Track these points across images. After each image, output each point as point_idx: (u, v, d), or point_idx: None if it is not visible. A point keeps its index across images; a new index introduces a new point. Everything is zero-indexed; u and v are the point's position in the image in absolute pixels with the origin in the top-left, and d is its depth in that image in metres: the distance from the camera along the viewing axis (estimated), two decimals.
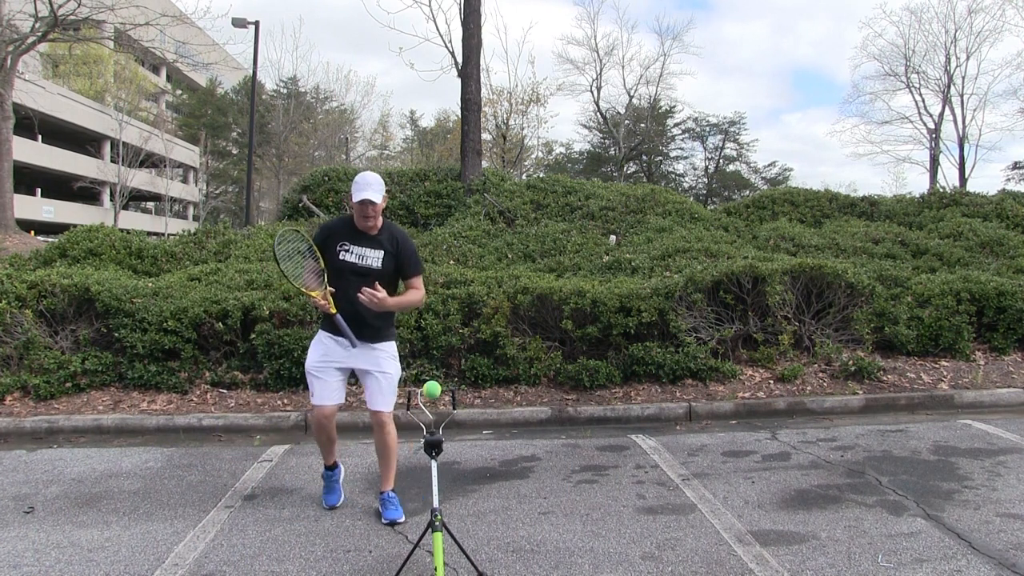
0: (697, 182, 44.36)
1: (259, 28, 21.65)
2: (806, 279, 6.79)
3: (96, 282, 6.59)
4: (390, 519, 3.80)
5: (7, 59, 16.25)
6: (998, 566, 3.21)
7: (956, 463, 4.66)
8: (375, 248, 3.76)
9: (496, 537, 3.61)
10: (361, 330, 3.73)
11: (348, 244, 3.75)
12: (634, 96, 38.39)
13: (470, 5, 12.39)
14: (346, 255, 3.74)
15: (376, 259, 3.75)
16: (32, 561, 3.40)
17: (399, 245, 3.80)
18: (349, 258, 3.73)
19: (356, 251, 3.74)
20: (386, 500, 3.89)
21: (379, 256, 3.75)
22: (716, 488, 4.28)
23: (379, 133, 51.14)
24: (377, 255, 3.75)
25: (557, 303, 6.52)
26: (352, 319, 3.69)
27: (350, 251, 3.74)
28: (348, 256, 3.74)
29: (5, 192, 16.73)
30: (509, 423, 5.93)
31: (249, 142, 23.02)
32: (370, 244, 3.76)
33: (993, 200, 11.77)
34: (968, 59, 32.70)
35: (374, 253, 3.75)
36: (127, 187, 36.96)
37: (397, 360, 3.90)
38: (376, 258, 3.75)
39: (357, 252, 3.74)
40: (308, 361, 3.84)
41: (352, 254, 3.74)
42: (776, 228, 10.33)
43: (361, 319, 3.69)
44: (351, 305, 3.66)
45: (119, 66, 39.09)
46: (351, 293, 3.64)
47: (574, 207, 11.65)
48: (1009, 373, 6.74)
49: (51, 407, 6.01)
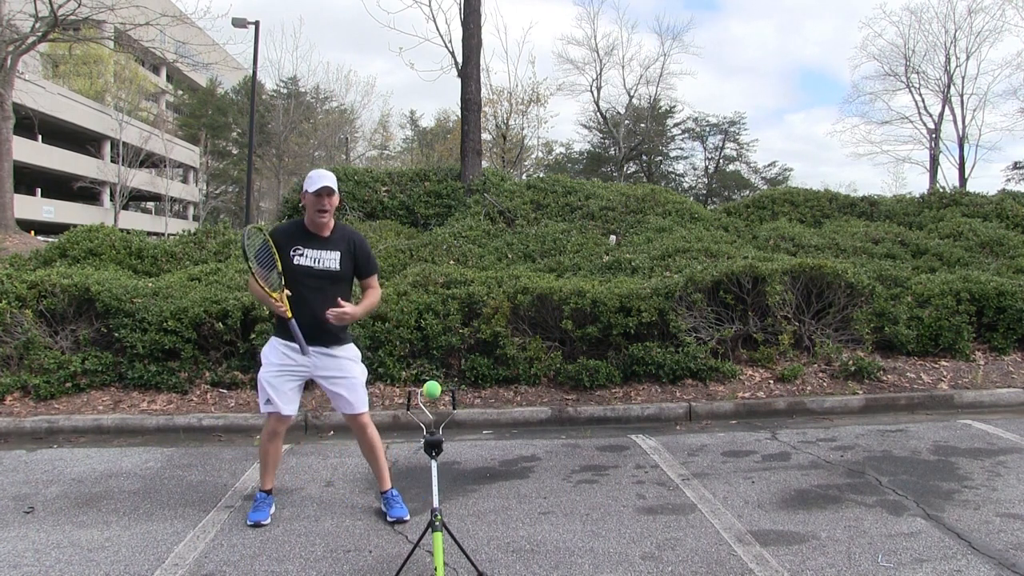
0: (697, 182, 44.38)
1: (259, 28, 21.67)
2: (806, 279, 6.79)
3: (96, 282, 6.59)
4: (396, 517, 3.78)
5: (7, 59, 16.26)
6: (998, 566, 3.21)
7: (956, 463, 4.66)
8: (330, 249, 3.66)
9: (496, 537, 3.61)
10: (320, 336, 3.64)
11: (301, 248, 3.64)
12: (634, 96, 38.44)
13: (470, 5, 12.39)
14: (300, 259, 3.63)
15: (333, 260, 3.65)
16: (32, 561, 3.40)
17: (356, 246, 3.73)
18: (304, 262, 3.63)
19: (310, 254, 3.64)
20: (389, 499, 3.88)
21: (335, 257, 3.66)
22: (716, 488, 4.28)
23: (379, 133, 51.19)
24: (334, 256, 3.66)
25: (557, 303, 6.52)
26: (310, 324, 3.60)
27: (304, 255, 3.63)
28: (303, 260, 3.63)
29: (5, 192, 16.74)
30: (509, 423, 5.93)
31: (249, 142, 23.02)
32: (324, 246, 3.66)
33: (993, 200, 11.77)
34: (968, 59, 32.75)
35: (330, 255, 3.65)
36: (127, 187, 36.98)
37: (359, 362, 3.82)
38: (333, 259, 3.65)
39: (312, 255, 3.64)
40: (263, 371, 3.71)
41: (306, 257, 3.63)
42: (776, 228, 10.33)
43: (319, 324, 3.59)
44: (308, 309, 3.59)
45: (119, 66, 39.12)
46: (308, 297, 3.58)
47: (574, 207, 11.64)
48: (1009, 373, 6.74)
49: (51, 407, 6.01)
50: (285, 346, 3.69)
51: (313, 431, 5.79)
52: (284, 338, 3.69)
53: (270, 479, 3.94)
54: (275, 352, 3.72)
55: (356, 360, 3.81)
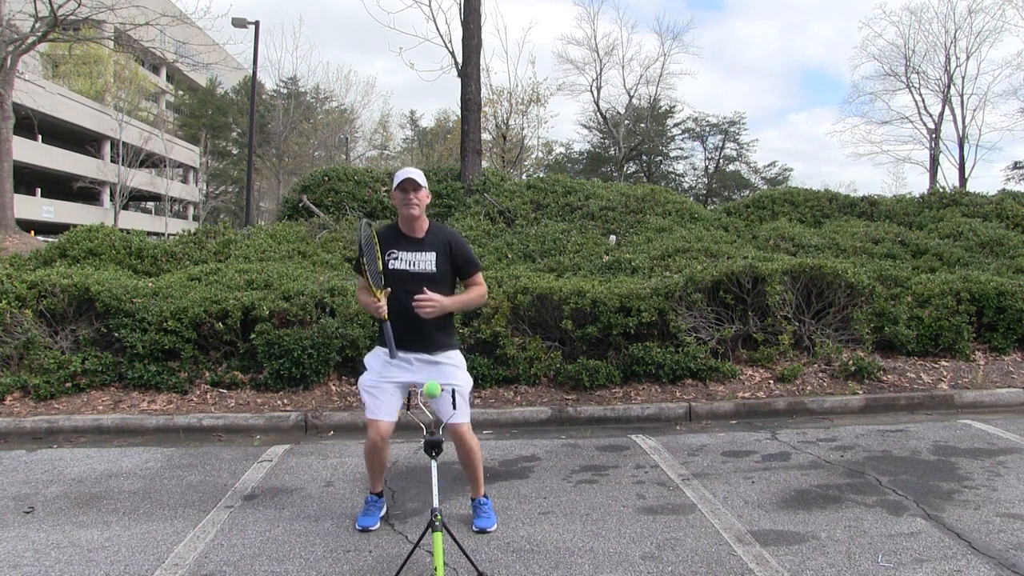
0: (697, 182, 44.35)
1: (259, 28, 21.67)
2: (806, 279, 6.79)
3: (96, 282, 6.59)
4: (480, 527, 3.68)
5: (7, 59, 16.24)
6: (998, 566, 3.21)
7: (956, 463, 4.66)
8: (425, 251, 3.55)
9: (496, 537, 3.61)
10: (421, 341, 3.51)
11: (396, 251, 3.54)
12: (634, 96, 38.37)
13: (470, 5, 12.38)
14: (395, 263, 3.52)
15: (429, 262, 3.53)
16: (32, 561, 3.40)
17: (452, 246, 3.59)
18: (399, 265, 3.52)
19: (405, 257, 3.53)
20: (477, 506, 3.78)
21: (431, 259, 3.54)
22: (716, 488, 4.28)
23: (379, 133, 51.14)
24: (429, 258, 3.54)
25: (557, 303, 6.52)
26: (408, 328, 3.48)
27: (399, 258, 3.52)
28: (398, 264, 3.52)
29: (5, 192, 16.72)
30: (509, 423, 5.93)
31: (249, 142, 23.03)
32: (419, 248, 3.55)
33: (993, 200, 11.76)
34: (968, 59, 32.68)
35: (425, 256, 3.54)
36: (127, 187, 36.94)
37: (464, 370, 3.65)
38: (429, 261, 3.53)
39: (407, 258, 3.52)
40: (363, 378, 3.61)
41: (401, 261, 3.52)
42: (776, 228, 10.33)
43: (418, 328, 3.47)
44: (407, 314, 3.44)
45: (119, 66, 39.10)
46: (405, 301, 3.43)
47: (574, 207, 11.64)
48: (1009, 373, 6.74)
49: (51, 407, 6.01)
50: (386, 352, 3.55)
51: (313, 431, 5.79)
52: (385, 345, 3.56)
53: (379, 483, 3.81)
54: (377, 360, 3.60)
55: (461, 367, 3.64)
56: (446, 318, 3.61)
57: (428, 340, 3.53)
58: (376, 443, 3.58)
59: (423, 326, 3.48)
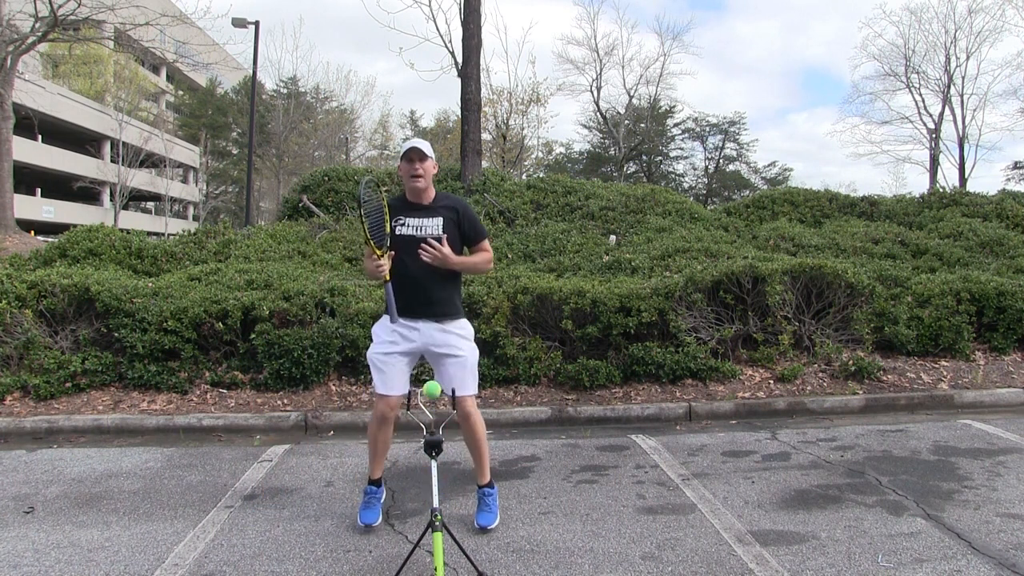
0: (697, 182, 44.35)
1: (259, 28, 21.68)
2: (806, 279, 6.79)
3: (96, 282, 6.59)
4: (481, 525, 3.65)
5: (7, 59, 16.24)
6: (998, 566, 3.21)
7: (956, 463, 4.66)
8: (433, 216, 3.56)
9: (496, 537, 3.61)
10: (426, 305, 3.51)
11: (403, 218, 3.55)
12: (634, 96, 38.40)
13: (470, 5, 12.39)
14: (403, 228, 3.53)
15: (436, 227, 3.53)
16: (32, 561, 3.40)
17: (459, 212, 3.61)
18: (406, 231, 3.52)
19: (412, 223, 3.53)
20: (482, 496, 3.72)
21: (438, 223, 3.54)
22: (716, 488, 4.28)
23: (379, 133, 51.13)
24: (436, 223, 3.54)
25: (557, 303, 6.52)
26: (414, 291, 3.49)
27: (406, 224, 3.53)
28: (405, 229, 3.52)
29: (5, 192, 16.72)
30: (509, 423, 5.93)
31: (249, 142, 23.03)
32: (427, 214, 3.56)
33: (993, 200, 11.77)
34: (968, 59, 32.70)
35: (432, 221, 3.54)
36: (127, 187, 36.96)
37: (472, 340, 3.62)
38: (436, 226, 3.53)
39: (414, 224, 3.53)
40: (372, 349, 3.58)
41: (408, 227, 3.53)
42: (776, 228, 10.33)
43: (424, 290, 3.49)
44: (413, 279, 3.48)
45: (119, 66, 39.11)
46: (412, 266, 3.45)
47: (574, 207, 11.65)
48: (1009, 373, 6.74)
49: (51, 407, 6.01)
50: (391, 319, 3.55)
51: (313, 431, 5.79)
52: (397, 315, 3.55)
53: (379, 468, 3.77)
54: (384, 328, 3.59)
55: (468, 337, 3.62)
56: (451, 284, 3.61)
57: (435, 306, 3.52)
58: (385, 414, 3.58)
59: (430, 291, 3.49)
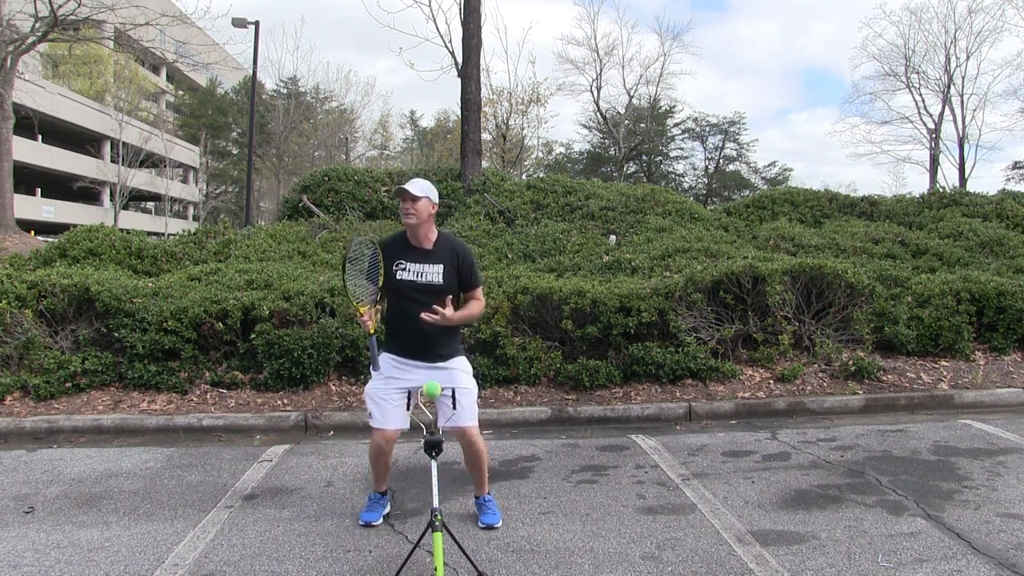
0: (697, 182, 44.33)
1: (259, 28, 21.67)
2: (806, 279, 6.79)
3: (96, 282, 6.59)
4: (487, 523, 3.73)
5: (7, 59, 16.24)
6: (998, 566, 3.21)
7: (956, 463, 4.66)
8: (433, 263, 3.55)
9: (496, 537, 3.61)
10: (429, 351, 3.55)
11: (404, 262, 3.54)
12: (634, 96, 38.37)
13: (470, 5, 12.38)
14: (403, 273, 3.53)
15: (436, 274, 3.54)
16: (32, 561, 3.40)
17: (460, 258, 3.60)
18: (407, 276, 3.52)
19: (413, 268, 3.53)
20: (482, 504, 3.83)
21: (439, 271, 3.54)
22: (716, 488, 4.28)
23: (379, 133, 51.16)
24: (437, 270, 3.54)
25: (557, 303, 6.52)
26: (416, 338, 3.51)
27: (407, 269, 3.53)
28: (405, 275, 3.52)
29: (5, 192, 16.72)
30: (509, 423, 5.93)
31: (249, 142, 23.03)
32: (427, 259, 3.55)
33: (993, 200, 11.76)
34: (968, 59, 32.67)
35: (433, 268, 3.54)
36: (127, 187, 36.95)
37: (471, 375, 3.68)
38: (436, 273, 3.54)
39: (414, 269, 3.53)
40: (370, 385, 3.62)
41: (409, 272, 3.53)
42: (776, 228, 10.33)
43: (426, 338, 3.50)
44: (413, 324, 3.46)
45: (119, 66, 39.10)
46: (412, 311, 3.45)
47: (574, 207, 11.64)
48: (1009, 373, 6.74)
49: (51, 407, 6.01)
50: (392, 358, 3.59)
51: (313, 431, 5.79)
52: (393, 352, 3.60)
53: (383, 484, 3.85)
54: (384, 364, 3.61)
55: (467, 373, 3.67)
56: (452, 328, 3.63)
57: (433, 351, 3.57)
58: (381, 447, 3.64)
59: (429, 336, 3.50)
